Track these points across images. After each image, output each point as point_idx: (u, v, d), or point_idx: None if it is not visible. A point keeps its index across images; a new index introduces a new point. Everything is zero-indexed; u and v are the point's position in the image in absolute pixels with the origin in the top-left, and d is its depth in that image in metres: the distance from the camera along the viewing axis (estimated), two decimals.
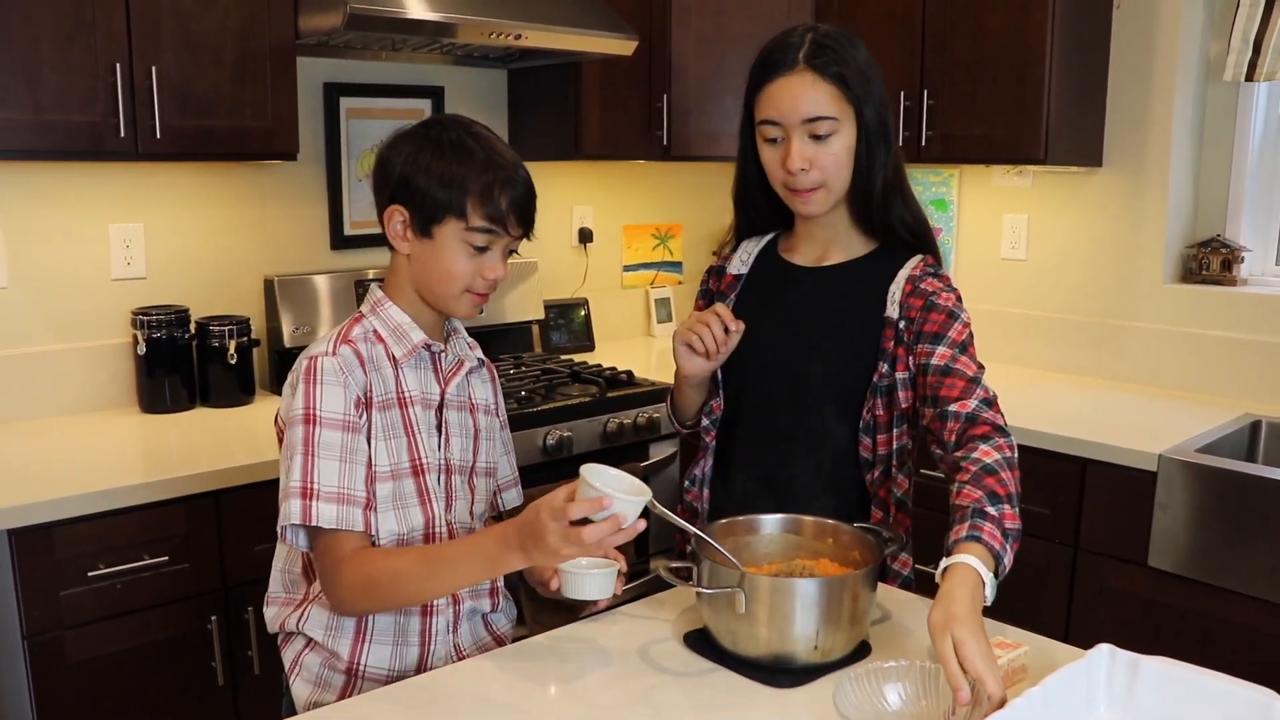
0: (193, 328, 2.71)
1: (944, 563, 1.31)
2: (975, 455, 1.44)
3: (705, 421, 1.77)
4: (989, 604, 1.30)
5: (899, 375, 1.62)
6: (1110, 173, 3.10)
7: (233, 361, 2.71)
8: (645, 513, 1.33)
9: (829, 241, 1.72)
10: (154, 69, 2.32)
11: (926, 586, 1.71)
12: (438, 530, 1.58)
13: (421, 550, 1.49)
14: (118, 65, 2.28)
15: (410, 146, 1.51)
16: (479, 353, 1.70)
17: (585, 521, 1.27)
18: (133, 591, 2.12)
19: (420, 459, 1.56)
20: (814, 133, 1.58)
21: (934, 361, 1.57)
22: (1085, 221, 3.18)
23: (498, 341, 3.27)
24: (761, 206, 1.75)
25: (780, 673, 1.37)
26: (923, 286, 1.63)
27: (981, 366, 1.59)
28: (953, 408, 1.52)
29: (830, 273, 1.71)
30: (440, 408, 1.60)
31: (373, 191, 1.57)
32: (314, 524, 1.42)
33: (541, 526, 1.29)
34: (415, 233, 1.52)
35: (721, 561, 1.42)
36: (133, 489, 2.10)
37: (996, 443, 1.47)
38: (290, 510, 1.42)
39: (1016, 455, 1.49)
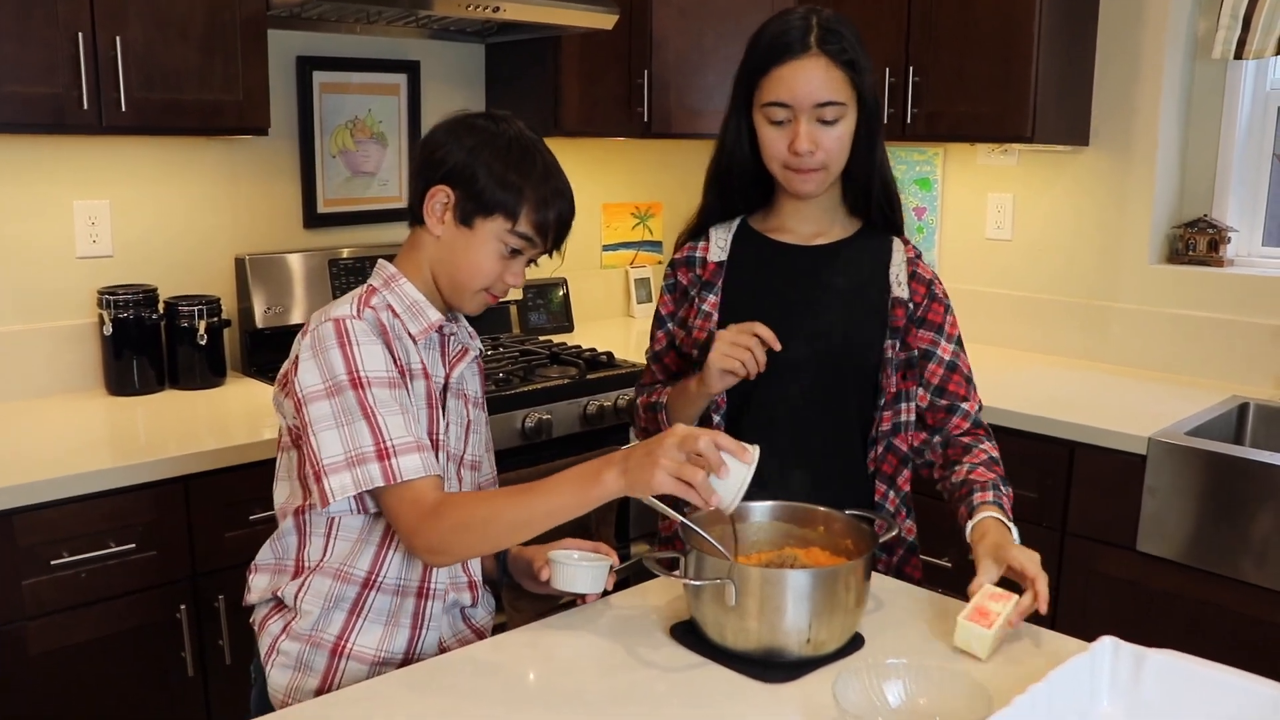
0: (161, 308, 2.63)
1: (978, 516, 1.54)
2: (983, 447, 1.69)
3: (716, 419, 1.71)
4: None
5: (915, 350, 1.69)
6: (1097, 151, 3.07)
7: (202, 342, 2.64)
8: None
9: (823, 219, 1.73)
10: (118, 39, 2.24)
11: (927, 573, 1.72)
12: None
13: (509, 487, 1.46)
14: (79, 35, 2.19)
15: (473, 140, 1.49)
16: (478, 343, 1.68)
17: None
18: (98, 580, 2.06)
19: (436, 434, 1.54)
20: (822, 117, 1.60)
21: (938, 353, 1.71)
22: (1071, 201, 3.14)
23: (475, 323, 3.19)
24: (743, 188, 1.73)
25: (771, 666, 1.33)
26: (920, 272, 1.72)
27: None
28: (964, 406, 1.71)
29: (830, 250, 1.72)
30: (444, 391, 1.57)
31: (416, 169, 1.54)
32: (400, 480, 1.38)
33: (660, 445, 1.27)
34: (455, 218, 1.50)
35: (710, 552, 1.37)
36: (98, 474, 2.04)
37: (994, 443, 1.72)
38: (369, 475, 1.38)
39: None
